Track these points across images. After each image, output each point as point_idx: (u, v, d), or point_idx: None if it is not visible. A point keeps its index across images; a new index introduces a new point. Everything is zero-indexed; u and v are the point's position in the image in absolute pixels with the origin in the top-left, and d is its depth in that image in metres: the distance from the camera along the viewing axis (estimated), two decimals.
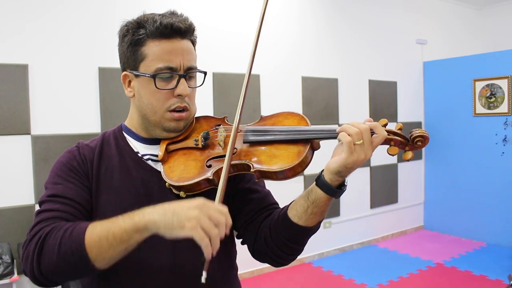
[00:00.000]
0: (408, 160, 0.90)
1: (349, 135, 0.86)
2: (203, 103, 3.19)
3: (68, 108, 3.02)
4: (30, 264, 0.84)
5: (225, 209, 0.81)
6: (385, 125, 0.90)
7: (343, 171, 0.88)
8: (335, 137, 0.90)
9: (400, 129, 0.92)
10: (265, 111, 3.93)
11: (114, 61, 3.09)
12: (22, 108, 2.84)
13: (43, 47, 2.91)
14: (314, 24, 4.35)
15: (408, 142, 0.91)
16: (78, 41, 3.04)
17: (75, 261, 0.81)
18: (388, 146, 0.91)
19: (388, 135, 0.90)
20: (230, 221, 0.81)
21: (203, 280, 0.77)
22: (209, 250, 0.76)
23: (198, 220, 0.76)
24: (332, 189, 0.90)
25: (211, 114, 3.67)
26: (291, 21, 4.19)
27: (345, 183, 0.92)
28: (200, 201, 0.80)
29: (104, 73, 3.13)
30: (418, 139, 0.90)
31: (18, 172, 2.85)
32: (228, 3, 3.78)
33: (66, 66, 3.00)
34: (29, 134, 2.87)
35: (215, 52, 3.61)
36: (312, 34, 4.34)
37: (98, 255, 0.81)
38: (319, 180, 0.92)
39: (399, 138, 0.91)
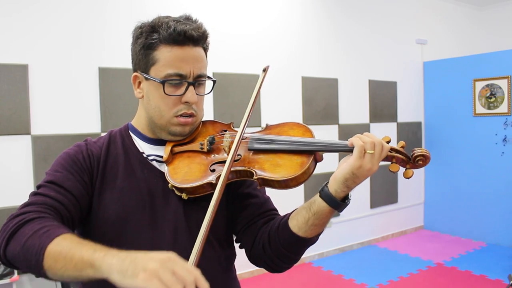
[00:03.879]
0: (408, 178, 0.92)
1: (363, 142, 0.88)
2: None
3: (68, 108, 3.02)
4: (1, 240, 0.85)
5: (196, 271, 0.71)
6: (388, 142, 0.92)
7: (349, 179, 0.88)
8: (338, 151, 0.92)
9: (402, 147, 0.94)
10: (265, 111, 3.93)
11: (114, 61, 3.13)
12: (22, 108, 2.84)
13: (43, 47, 2.91)
14: (314, 25, 4.35)
15: (409, 161, 0.94)
16: (78, 41, 3.04)
17: (31, 261, 0.80)
18: (389, 163, 0.94)
19: (390, 152, 0.92)
20: (204, 285, 0.70)
21: None
22: None
23: (155, 272, 0.67)
24: (335, 201, 0.90)
25: (211, 114, 3.70)
26: (292, 21, 4.19)
27: (349, 197, 0.92)
28: (168, 255, 0.72)
29: (104, 73, 3.12)
30: (419, 158, 0.92)
31: (18, 172, 2.85)
32: (228, 3, 3.79)
33: (66, 66, 3.00)
34: (29, 134, 2.87)
35: (215, 52, 3.58)
36: (312, 35, 4.34)
37: (51, 268, 0.79)
38: (323, 192, 0.92)
39: (401, 156, 0.93)
